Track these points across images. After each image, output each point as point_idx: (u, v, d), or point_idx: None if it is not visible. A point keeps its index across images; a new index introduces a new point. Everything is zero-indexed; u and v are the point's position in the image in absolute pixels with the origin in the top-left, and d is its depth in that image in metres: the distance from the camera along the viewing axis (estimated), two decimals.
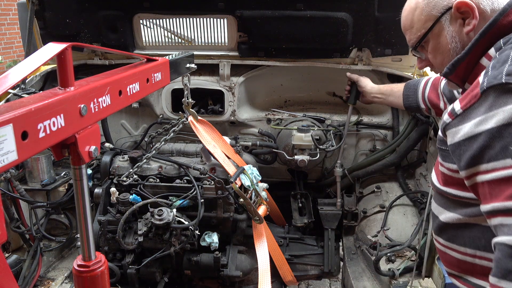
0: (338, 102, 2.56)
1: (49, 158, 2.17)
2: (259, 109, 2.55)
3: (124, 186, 1.96)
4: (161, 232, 1.86)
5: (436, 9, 1.13)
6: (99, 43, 2.32)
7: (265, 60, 2.32)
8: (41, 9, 2.22)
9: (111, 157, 2.11)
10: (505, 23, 1.01)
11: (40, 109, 0.79)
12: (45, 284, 2.04)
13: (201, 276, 2.09)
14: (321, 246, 2.26)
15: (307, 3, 2.07)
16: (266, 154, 2.43)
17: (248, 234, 2.03)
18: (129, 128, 2.65)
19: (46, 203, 2.11)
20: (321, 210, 2.29)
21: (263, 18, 2.12)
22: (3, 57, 8.34)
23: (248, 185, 1.94)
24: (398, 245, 1.99)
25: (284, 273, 2.10)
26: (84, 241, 1.07)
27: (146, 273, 1.93)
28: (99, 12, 2.21)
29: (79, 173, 1.01)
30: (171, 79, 1.51)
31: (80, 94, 0.92)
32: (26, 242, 2.11)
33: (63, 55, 0.91)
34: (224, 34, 2.29)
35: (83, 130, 0.94)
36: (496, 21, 1.02)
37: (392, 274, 1.91)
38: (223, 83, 2.39)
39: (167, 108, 2.47)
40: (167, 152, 2.21)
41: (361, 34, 2.16)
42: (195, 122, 2.01)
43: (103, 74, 1.11)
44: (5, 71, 0.89)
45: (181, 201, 1.89)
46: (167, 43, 2.37)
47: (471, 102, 0.95)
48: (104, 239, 1.92)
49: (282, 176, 2.64)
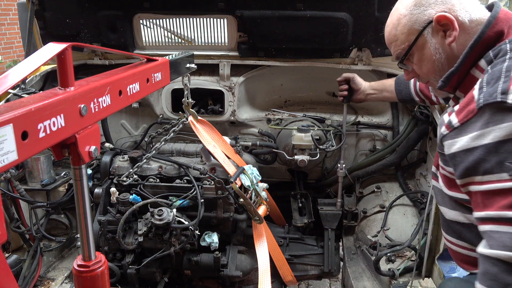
0: (338, 102, 2.56)
1: (49, 158, 2.17)
2: (259, 109, 2.55)
3: (124, 186, 1.97)
4: (161, 232, 1.86)
5: (417, 23, 1.19)
6: (99, 43, 2.32)
7: (265, 60, 2.32)
8: (41, 9, 2.22)
9: (111, 157, 2.11)
10: (492, 35, 1.09)
11: (40, 109, 0.79)
12: (45, 284, 2.04)
13: (201, 276, 2.09)
14: (321, 246, 2.26)
15: (307, 3, 2.07)
16: (266, 154, 2.43)
17: (248, 234, 2.03)
18: (129, 128, 2.65)
19: (46, 203, 2.11)
20: (321, 210, 2.29)
21: (263, 18, 2.12)
22: (3, 57, 8.34)
23: (248, 185, 1.94)
24: (398, 245, 1.99)
25: (284, 273, 2.10)
26: (84, 241, 1.07)
27: (146, 273, 1.93)
28: (99, 12, 2.21)
29: (79, 173, 1.01)
30: (171, 79, 1.51)
31: (80, 94, 0.92)
32: (26, 242, 2.11)
33: (63, 55, 0.91)
34: (224, 34, 2.29)
35: (83, 130, 0.94)
36: (483, 33, 1.09)
37: (392, 274, 1.91)
38: (223, 83, 2.39)
39: (167, 108, 2.47)
40: (167, 152, 2.21)
41: (361, 34, 2.16)
42: (195, 122, 2.01)
43: (103, 74, 1.11)
44: (5, 71, 0.89)
45: (181, 201, 1.89)
46: (167, 43, 2.37)
47: (468, 116, 1.01)
48: (104, 239, 1.92)
49: (282, 176, 2.64)
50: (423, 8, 1.17)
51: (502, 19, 1.10)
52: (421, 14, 1.18)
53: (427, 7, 1.17)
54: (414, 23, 1.19)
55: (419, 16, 1.18)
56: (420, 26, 1.18)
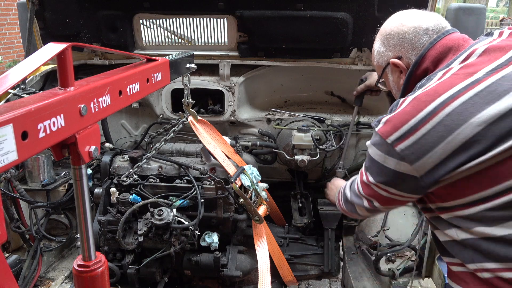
0: (338, 102, 2.56)
1: (49, 158, 2.17)
2: (259, 109, 2.55)
3: (124, 186, 1.96)
4: (161, 232, 1.86)
5: (382, 61, 1.38)
6: (99, 43, 2.32)
7: (265, 60, 2.32)
8: (41, 9, 2.22)
9: (111, 157, 2.11)
10: (419, 73, 1.24)
11: (40, 109, 0.79)
12: (45, 284, 2.04)
13: (201, 276, 2.09)
14: (321, 246, 2.26)
15: (307, 3, 2.06)
16: (266, 154, 2.43)
17: (248, 234, 2.03)
18: (129, 128, 2.65)
19: (46, 203, 2.11)
20: (321, 210, 2.29)
21: (263, 18, 2.12)
22: (3, 57, 8.34)
23: (248, 185, 1.94)
24: (398, 245, 1.99)
25: (284, 273, 2.10)
26: (84, 241, 1.07)
27: (146, 273, 1.93)
28: (99, 12, 2.21)
29: (79, 173, 1.01)
30: (171, 79, 1.51)
31: (80, 94, 0.92)
32: (26, 242, 2.11)
33: (63, 55, 0.91)
34: (224, 34, 2.29)
35: (83, 130, 0.94)
36: (411, 73, 1.26)
37: (392, 274, 1.91)
38: (223, 83, 2.39)
39: (167, 108, 2.47)
40: (167, 152, 2.21)
41: (361, 34, 2.16)
42: (195, 122, 2.01)
43: (103, 74, 1.11)
44: (5, 71, 0.89)
45: (181, 201, 1.89)
46: (167, 43, 2.37)
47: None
48: (104, 239, 1.92)
49: (282, 176, 2.64)
50: (385, 49, 1.34)
51: (430, 55, 1.22)
52: (384, 54, 1.35)
53: (388, 49, 1.33)
54: (380, 59, 1.38)
55: (382, 55, 1.36)
56: (384, 64, 1.37)
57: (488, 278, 1.05)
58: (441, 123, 1.01)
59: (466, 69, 1.08)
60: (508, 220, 1.01)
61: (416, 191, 1.14)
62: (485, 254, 1.05)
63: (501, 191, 1.00)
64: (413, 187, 1.12)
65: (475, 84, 1.02)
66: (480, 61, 1.08)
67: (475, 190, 1.03)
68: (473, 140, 0.98)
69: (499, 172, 0.99)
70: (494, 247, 1.03)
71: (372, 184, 1.23)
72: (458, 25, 2.20)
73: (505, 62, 1.05)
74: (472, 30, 2.16)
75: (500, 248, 1.02)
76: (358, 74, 2.12)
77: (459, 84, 1.04)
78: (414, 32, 1.26)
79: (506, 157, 0.98)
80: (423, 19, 1.28)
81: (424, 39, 1.25)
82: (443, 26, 1.26)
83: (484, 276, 1.06)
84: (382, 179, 1.18)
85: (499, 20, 15.36)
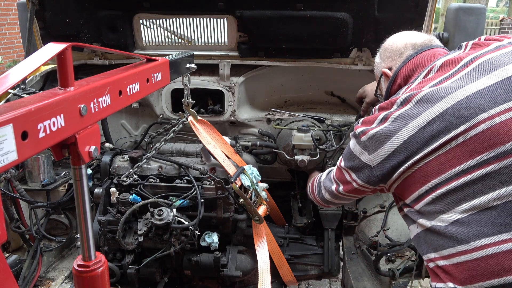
0: (338, 102, 2.56)
1: (49, 158, 2.17)
2: (259, 109, 2.54)
3: (124, 186, 1.96)
4: (161, 232, 1.86)
5: (378, 71, 1.58)
6: (99, 43, 2.32)
7: (265, 60, 2.32)
8: (41, 9, 2.22)
9: (111, 157, 2.11)
10: (395, 88, 1.43)
11: (40, 109, 0.79)
12: (45, 284, 2.04)
13: (201, 276, 2.09)
14: (321, 246, 2.26)
15: (307, 3, 2.06)
16: (266, 154, 2.43)
17: (248, 234, 2.03)
18: (129, 128, 2.64)
19: (46, 203, 2.11)
20: (321, 210, 2.29)
21: (263, 18, 2.12)
22: (3, 57, 8.34)
23: (248, 185, 1.94)
24: (398, 245, 1.99)
25: (284, 273, 2.10)
26: (84, 241, 1.07)
27: (146, 273, 1.93)
28: (99, 12, 2.21)
29: (79, 173, 1.01)
30: (171, 79, 1.51)
31: (80, 94, 0.92)
32: (26, 242, 2.11)
33: (63, 55, 0.91)
34: (224, 34, 2.29)
35: (83, 130, 0.94)
36: (388, 88, 1.46)
37: (392, 274, 1.91)
38: (223, 83, 2.39)
39: (167, 108, 2.47)
40: (167, 152, 2.21)
41: (361, 34, 2.16)
42: (195, 122, 2.01)
43: (103, 74, 1.11)
44: (5, 71, 0.89)
45: (181, 201, 1.89)
46: (167, 43, 2.37)
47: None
48: (104, 239, 1.92)
49: (282, 176, 2.64)
50: (381, 61, 1.54)
51: (401, 73, 1.40)
52: (379, 65, 1.56)
53: (383, 61, 1.53)
54: (377, 70, 1.59)
55: (378, 66, 1.57)
56: (379, 74, 1.56)
57: (433, 267, 1.19)
58: (390, 124, 1.24)
59: (421, 84, 1.27)
60: (438, 213, 1.15)
61: (369, 180, 1.33)
62: (429, 245, 1.20)
63: (429, 188, 1.16)
64: (368, 174, 1.32)
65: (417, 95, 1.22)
66: (435, 76, 1.26)
67: (414, 189, 1.20)
68: (408, 141, 1.18)
69: (428, 171, 1.16)
70: (430, 237, 1.18)
71: (342, 169, 1.44)
72: (458, 25, 2.21)
73: (450, 74, 1.21)
74: (472, 30, 2.16)
75: (433, 237, 1.17)
76: (358, 74, 2.12)
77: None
78: (404, 47, 1.45)
79: (432, 158, 1.14)
80: (415, 37, 1.46)
81: (410, 52, 1.42)
82: (431, 44, 1.42)
83: (430, 266, 1.21)
84: (349, 164, 1.39)
85: (499, 20, 15.34)
